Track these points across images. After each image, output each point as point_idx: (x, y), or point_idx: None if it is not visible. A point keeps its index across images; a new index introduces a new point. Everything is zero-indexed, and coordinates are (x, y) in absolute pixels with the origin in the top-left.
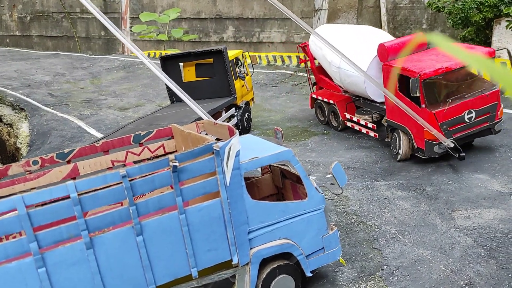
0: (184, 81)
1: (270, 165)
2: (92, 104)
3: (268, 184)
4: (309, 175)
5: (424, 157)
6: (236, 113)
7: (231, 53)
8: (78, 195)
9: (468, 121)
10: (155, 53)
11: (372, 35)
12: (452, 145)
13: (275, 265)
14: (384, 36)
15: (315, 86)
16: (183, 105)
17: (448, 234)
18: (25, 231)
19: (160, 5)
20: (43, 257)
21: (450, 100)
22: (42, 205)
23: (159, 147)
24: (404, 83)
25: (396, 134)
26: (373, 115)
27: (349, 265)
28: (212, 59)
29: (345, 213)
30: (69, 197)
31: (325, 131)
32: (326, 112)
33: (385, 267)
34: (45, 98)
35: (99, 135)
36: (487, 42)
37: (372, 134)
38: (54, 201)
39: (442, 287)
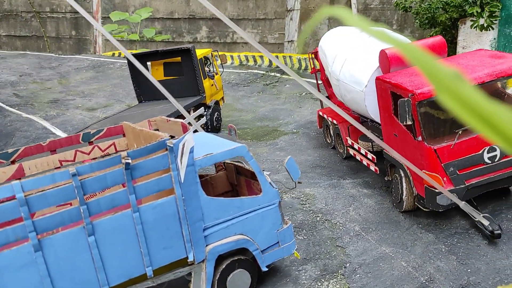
0: None
1: (224, 162)
2: (59, 105)
3: (222, 182)
4: (263, 170)
5: (425, 209)
6: (205, 113)
7: (200, 52)
8: (25, 195)
9: (489, 161)
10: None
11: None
12: (485, 222)
13: (231, 261)
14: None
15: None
16: (150, 105)
17: (410, 231)
18: None
19: (132, 4)
20: None
21: (460, 131)
22: None
23: (110, 145)
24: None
25: (397, 174)
26: (373, 143)
27: (312, 263)
28: (180, 57)
29: (311, 212)
30: (15, 198)
31: (295, 130)
32: (333, 135)
33: (347, 264)
34: (10, 98)
35: (65, 136)
36: (453, 42)
37: (372, 168)
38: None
39: (403, 284)
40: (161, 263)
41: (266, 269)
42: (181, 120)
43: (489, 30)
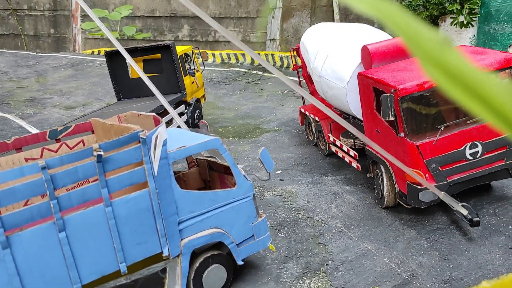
0: (132, 77)
1: (196, 159)
2: (36, 103)
3: (195, 178)
4: (237, 164)
5: (407, 206)
6: (186, 110)
7: (180, 49)
8: None
9: (471, 158)
10: (105, 51)
11: (371, 36)
12: (464, 211)
13: (207, 256)
14: (383, 37)
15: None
16: (130, 102)
17: (393, 227)
18: None
19: (112, 2)
20: None
21: (442, 127)
22: None
23: (79, 142)
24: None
25: (379, 170)
26: (355, 140)
27: (294, 261)
28: (160, 54)
29: (293, 209)
30: None
31: (277, 128)
32: (315, 132)
33: (330, 262)
34: None
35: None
36: None
37: (354, 164)
38: None
39: (385, 280)
40: (135, 258)
41: (242, 263)
42: (153, 114)
43: (469, 27)
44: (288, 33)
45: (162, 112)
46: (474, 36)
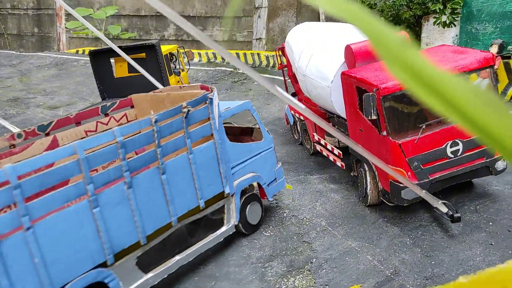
0: (116, 76)
1: None
2: (19, 103)
3: None
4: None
5: (390, 204)
6: None
7: (165, 48)
8: (124, 138)
9: (452, 156)
10: (90, 50)
11: (355, 36)
12: (444, 209)
13: (248, 195)
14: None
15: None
16: (114, 102)
17: (376, 225)
18: (83, 174)
19: (97, 1)
20: (97, 198)
21: (424, 126)
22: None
23: (122, 116)
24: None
25: (362, 169)
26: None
27: (279, 260)
28: (144, 53)
29: (278, 208)
30: (115, 142)
31: None
32: (300, 131)
33: (314, 260)
34: None
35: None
36: (417, 39)
37: (339, 163)
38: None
39: (368, 277)
40: (208, 196)
41: (272, 200)
42: (200, 83)
43: (452, 26)
44: (274, 33)
45: None
46: (457, 35)
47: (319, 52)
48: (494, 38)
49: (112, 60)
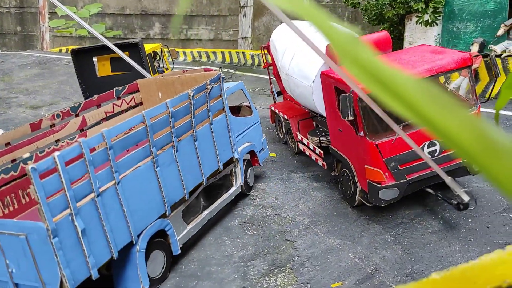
0: (99, 75)
1: None
2: (1, 103)
3: None
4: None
5: (368, 204)
6: None
7: (148, 47)
8: (174, 109)
9: (429, 156)
10: (72, 49)
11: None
12: (465, 197)
13: (247, 161)
14: None
15: (280, 97)
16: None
17: (358, 222)
18: (149, 139)
19: None
20: (158, 159)
21: (401, 126)
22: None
23: (131, 99)
24: None
25: (346, 169)
26: (321, 138)
27: (261, 259)
28: (127, 52)
29: (261, 206)
30: (168, 112)
31: None
32: (285, 130)
33: (296, 258)
34: None
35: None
36: (400, 38)
37: (320, 162)
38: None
39: (349, 275)
40: (225, 160)
41: (262, 165)
42: (204, 67)
43: (434, 25)
44: (259, 31)
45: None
46: (439, 34)
47: (301, 51)
48: (475, 36)
49: (94, 59)
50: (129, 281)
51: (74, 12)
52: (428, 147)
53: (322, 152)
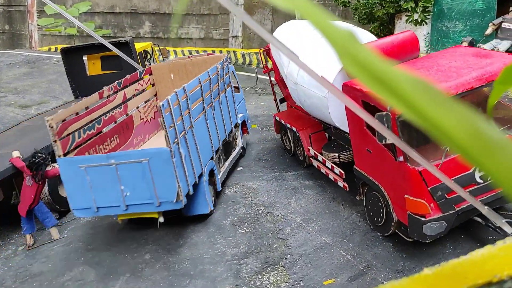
0: (89, 74)
1: None
2: None
3: None
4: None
5: (408, 239)
6: None
7: (139, 45)
8: (203, 82)
9: (481, 181)
10: (62, 47)
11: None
12: (508, 229)
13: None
14: (365, 38)
15: (284, 103)
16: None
17: (349, 220)
18: (202, 97)
19: None
20: (206, 113)
21: (448, 149)
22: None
23: (148, 80)
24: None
25: (376, 192)
26: (340, 155)
27: (254, 257)
28: None
29: (253, 205)
30: (209, 79)
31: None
32: (292, 141)
33: (288, 256)
34: None
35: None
36: None
37: (341, 184)
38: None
39: (341, 272)
40: (233, 124)
41: (250, 133)
42: (206, 52)
43: (423, 24)
44: (250, 30)
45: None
46: (428, 33)
47: (311, 57)
48: (464, 35)
49: (84, 58)
50: (199, 206)
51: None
52: (480, 171)
53: (343, 172)
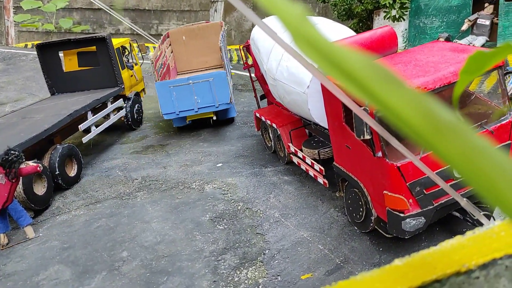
0: (66, 71)
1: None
2: None
3: None
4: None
5: (388, 235)
6: (125, 105)
7: (116, 41)
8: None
9: (459, 176)
10: (37, 43)
11: (330, 32)
12: (485, 221)
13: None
14: (345, 33)
15: (265, 100)
16: (64, 97)
17: (327, 214)
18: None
19: None
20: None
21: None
22: None
23: (169, 44)
24: (351, 113)
25: (356, 189)
26: (320, 151)
27: (232, 252)
28: (95, 47)
29: (232, 201)
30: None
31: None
32: (272, 138)
33: (266, 251)
34: None
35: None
36: None
37: (321, 180)
38: None
39: (319, 266)
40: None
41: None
42: (204, 20)
43: (401, 21)
44: (231, 27)
45: (100, 107)
46: (406, 29)
47: (295, 52)
48: (440, 31)
49: (61, 54)
50: (230, 112)
51: (39, 7)
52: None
53: (322, 168)
